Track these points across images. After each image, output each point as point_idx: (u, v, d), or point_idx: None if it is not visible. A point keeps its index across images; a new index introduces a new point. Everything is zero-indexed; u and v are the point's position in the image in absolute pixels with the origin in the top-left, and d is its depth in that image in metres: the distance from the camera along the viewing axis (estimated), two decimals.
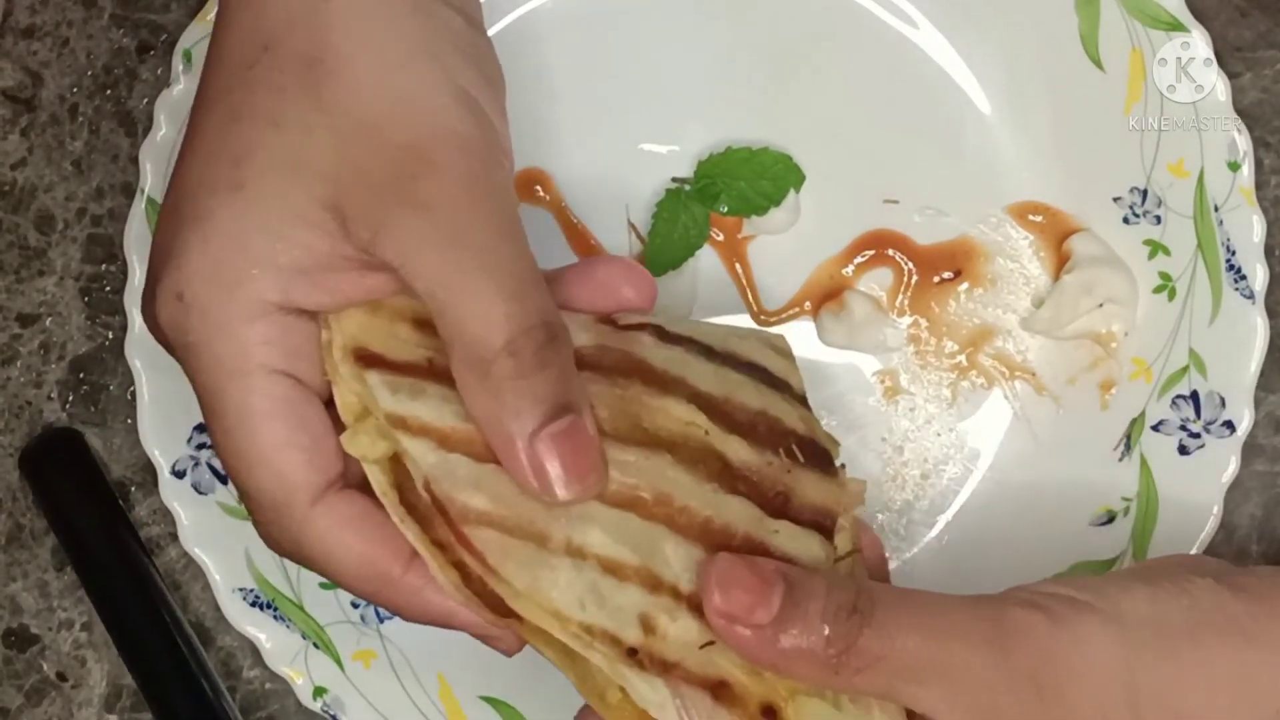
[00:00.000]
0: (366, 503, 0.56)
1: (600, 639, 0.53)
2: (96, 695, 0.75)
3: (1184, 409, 0.73)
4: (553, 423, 0.53)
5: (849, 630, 0.52)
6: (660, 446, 0.56)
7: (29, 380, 0.76)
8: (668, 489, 0.55)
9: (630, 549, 0.54)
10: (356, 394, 0.55)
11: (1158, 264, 0.74)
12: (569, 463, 0.53)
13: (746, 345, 0.60)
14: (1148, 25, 0.73)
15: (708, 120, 0.75)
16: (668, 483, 0.55)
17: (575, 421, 0.54)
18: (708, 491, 0.56)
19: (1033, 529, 0.74)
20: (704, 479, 0.56)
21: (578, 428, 0.54)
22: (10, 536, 0.76)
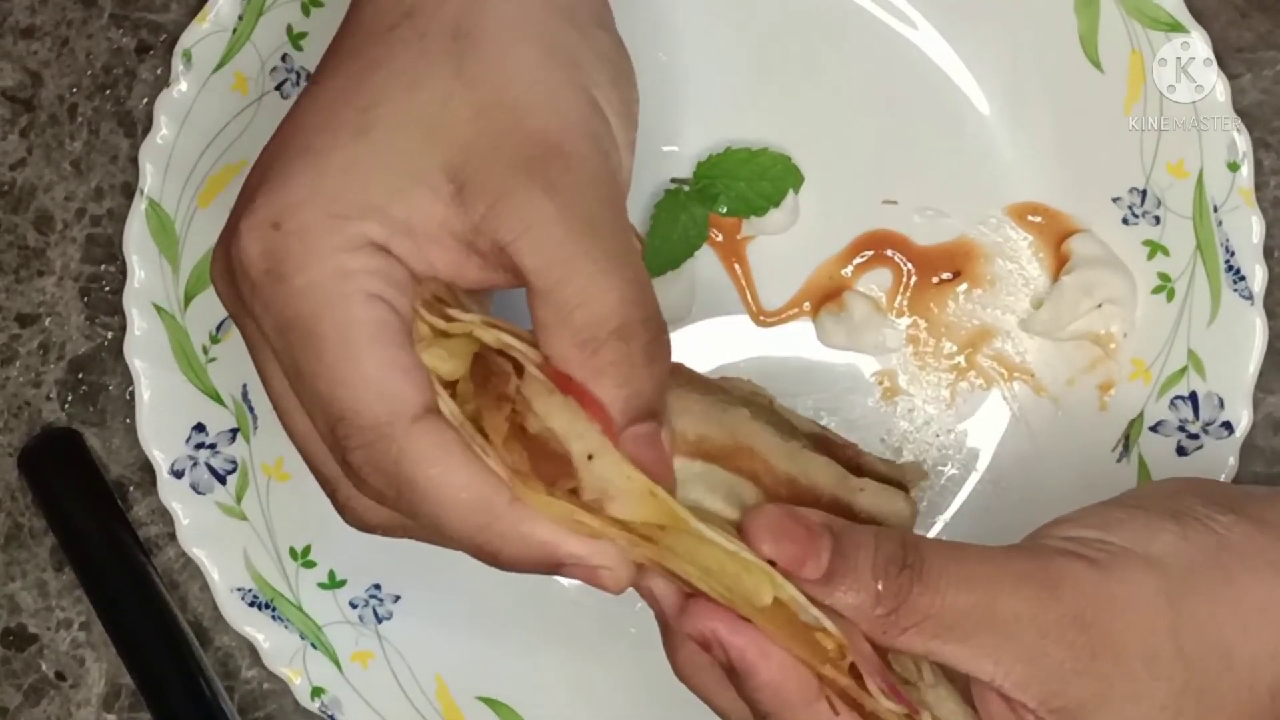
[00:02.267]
0: (458, 436, 0.54)
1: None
2: (95, 695, 0.75)
3: (1182, 410, 0.73)
4: (638, 424, 0.53)
5: (900, 586, 0.52)
6: (735, 402, 0.55)
7: (28, 380, 0.76)
8: (749, 441, 0.55)
9: (723, 502, 0.54)
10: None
11: (1157, 265, 0.74)
12: (644, 470, 0.53)
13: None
14: (1147, 26, 0.73)
15: (707, 121, 0.75)
16: (747, 434, 0.55)
17: (657, 432, 0.53)
18: (793, 448, 0.55)
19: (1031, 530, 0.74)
20: (785, 435, 0.55)
21: (657, 439, 0.53)
22: (9, 536, 0.76)
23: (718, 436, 0.55)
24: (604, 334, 0.52)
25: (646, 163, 0.75)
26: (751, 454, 0.54)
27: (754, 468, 0.54)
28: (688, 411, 0.54)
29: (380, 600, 0.74)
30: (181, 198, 0.74)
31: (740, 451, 0.54)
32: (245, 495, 0.74)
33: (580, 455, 0.52)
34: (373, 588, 0.74)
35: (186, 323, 0.74)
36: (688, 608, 0.53)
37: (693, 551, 0.53)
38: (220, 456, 0.74)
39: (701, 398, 0.55)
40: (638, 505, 0.52)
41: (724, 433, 0.55)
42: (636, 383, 0.53)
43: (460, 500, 0.53)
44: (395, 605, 0.74)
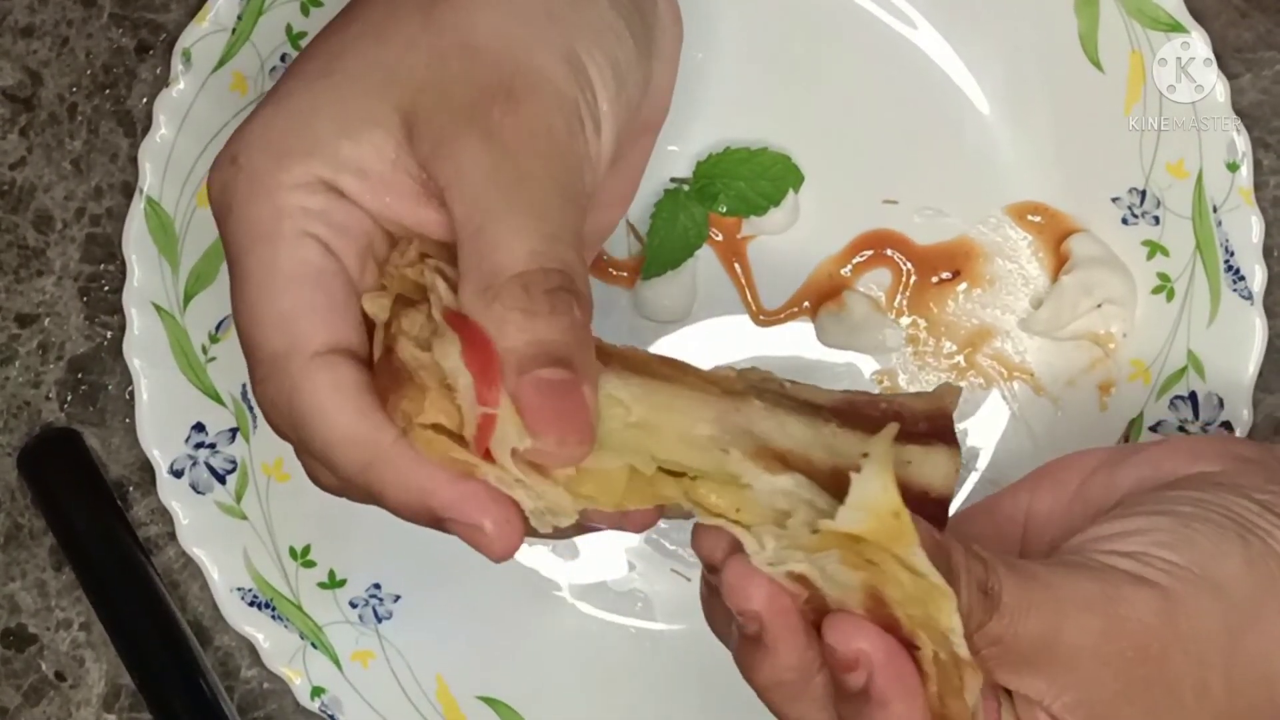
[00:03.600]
0: (367, 378, 0.53)
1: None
2: (95, 695, 0.75)
3: (1182, 410, 0.73)
4: (544, 369, 0.51)
5: (982, 613, 0.51)
6: (744, 394, 0.54)
7: (27, 380, 0.76)
8: (773, 440, 0.53)
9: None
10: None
11: (1156, 265, 0.74)
12: (548, 417, 0.51)
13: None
14: (1147, 26, 0.73)
15: (707, 120, 0.75)
16: (767, 433, 0.53)
17: (570, 380, 0.51)
18: (824, 435, 0.54)
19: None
20: (809, 419, 0.54)
21: (571, 387, 0.51)
22: (9, 536, 0.76)
23: (744, 444, 0.53)
24: (502, 280, 0.52)
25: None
26: (786, 456, 0.53)
27: (792, 466, 0.53)
28: (701, 420, 0.53)
29: (380, 600, 0.74)
30: (181, 197, 0.74)
31: (769, 454, 0.53)
32: (245, 495, 0.74)
33: (466, 394, 0.51)
34: (373, 587, 0.74)
35: (186, 322, 0.74)
36: (834, 622, 0.51)
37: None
38: (220, 456, 0.74)
39: (707, 400, 0.54)
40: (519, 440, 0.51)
41: (747, 438, 0.53)
42: (538, 330, 0.51)
43: (345, 437, 0.52)
44: (395, 605, 0.74)
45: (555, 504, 0.52)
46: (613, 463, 0.52)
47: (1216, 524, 0.55)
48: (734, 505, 0.52)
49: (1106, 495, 0.58)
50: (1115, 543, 0.55)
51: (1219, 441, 0.59)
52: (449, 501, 0.52)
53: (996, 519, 0.58)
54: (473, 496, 0.51)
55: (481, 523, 0.51)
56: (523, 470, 0.51)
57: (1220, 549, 0.55)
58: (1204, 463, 0.58)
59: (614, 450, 0.52)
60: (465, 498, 0.51)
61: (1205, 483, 0.57)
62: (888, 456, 0.49)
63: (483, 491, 0.51)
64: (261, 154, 0.54)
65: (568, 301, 0.52)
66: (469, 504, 0.51)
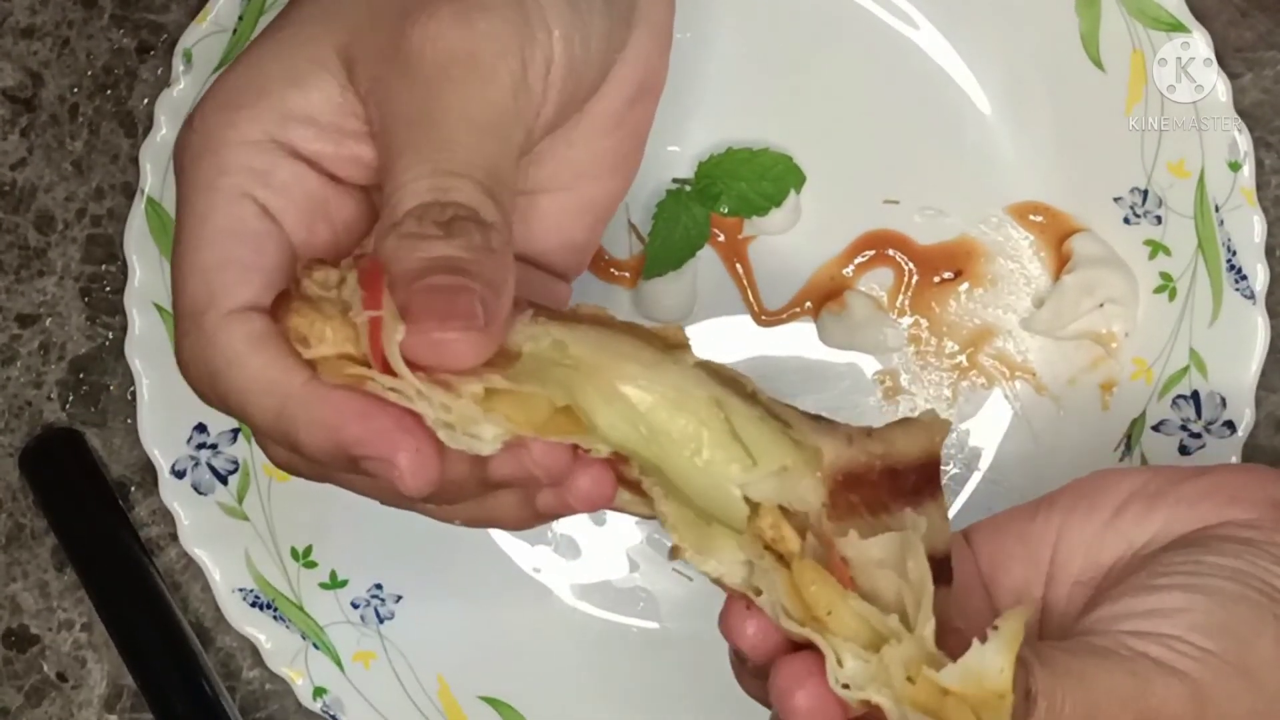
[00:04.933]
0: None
1: None
2: (96, 695, 0.75)
3: (1185, 409, 0.73)
4: (437, 275, 0.50)
5: (1022, 715, 0.49)
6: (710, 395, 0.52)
7: (29, 380, 0.76)
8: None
9: None
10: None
11: (1158, 264, 0.74)
12: (425, 308, 0.49)
13: None
14: (1148, 26, 0.73)
15: (708, 121, 0.75)
16: (733, 406, 0.52)
17: (460, 285, 0.50)
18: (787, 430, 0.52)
19: None
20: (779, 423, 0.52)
21: (460, 290, 0.49)
22: (10, 536, 0.76)
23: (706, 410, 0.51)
24: (401, 215, 0.51)
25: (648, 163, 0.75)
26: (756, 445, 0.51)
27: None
28: (642, 364, 0.51)
29: (382, 600, 0.74)
30: None
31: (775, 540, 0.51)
32: (247, 495, 0.74)
33: (358, 312, 0.50)
34: (374, 588, 0.74)
35: None
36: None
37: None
38: (222, 457, 0.74)
39: (654, 353, 0.52)
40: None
41: (709, 404, 0.51)
42: (431, 249, 0.50)
43: (256, 383, 0.52)
44: (397, 605, 0.74)
45: (464, 417, 0.50)
46: (534, 388, 0.50)
47: (1253, 603, 0.53)
48: (824, 606, 0.50)
49: (1139, 531, 0.56)
50: (1148, 622, 0.53)
51: (1256, 483, 0.57)
52: (359, 436, 0.50)
53: (1028, 542, 0.56)
54: (383, 430, 0.50)
55: (393, 455, 0.50)
56: (426, 385, 0.50)
57: (1256, 630, 0.53)
58: (1239, 507, 0.56)
59: (546, 383, 0.51)
60: (375, 431, 0.50)
61: (1242, 544, 0.55)
62: (1017, 638, 0.48)
63: (392, 425, 0.50)
64: (214, 113, 0.54)
65: (466, 228, 0.51)
66: (379, 438, 0.50)
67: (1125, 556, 0.55)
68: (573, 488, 0.52)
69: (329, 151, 0.54)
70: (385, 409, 0.50)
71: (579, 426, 0.51)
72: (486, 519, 0.55)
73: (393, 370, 0.50)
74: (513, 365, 0.51)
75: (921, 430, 0.52)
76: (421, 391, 0.50)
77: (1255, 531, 0.55)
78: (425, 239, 0.50)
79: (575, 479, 0.52)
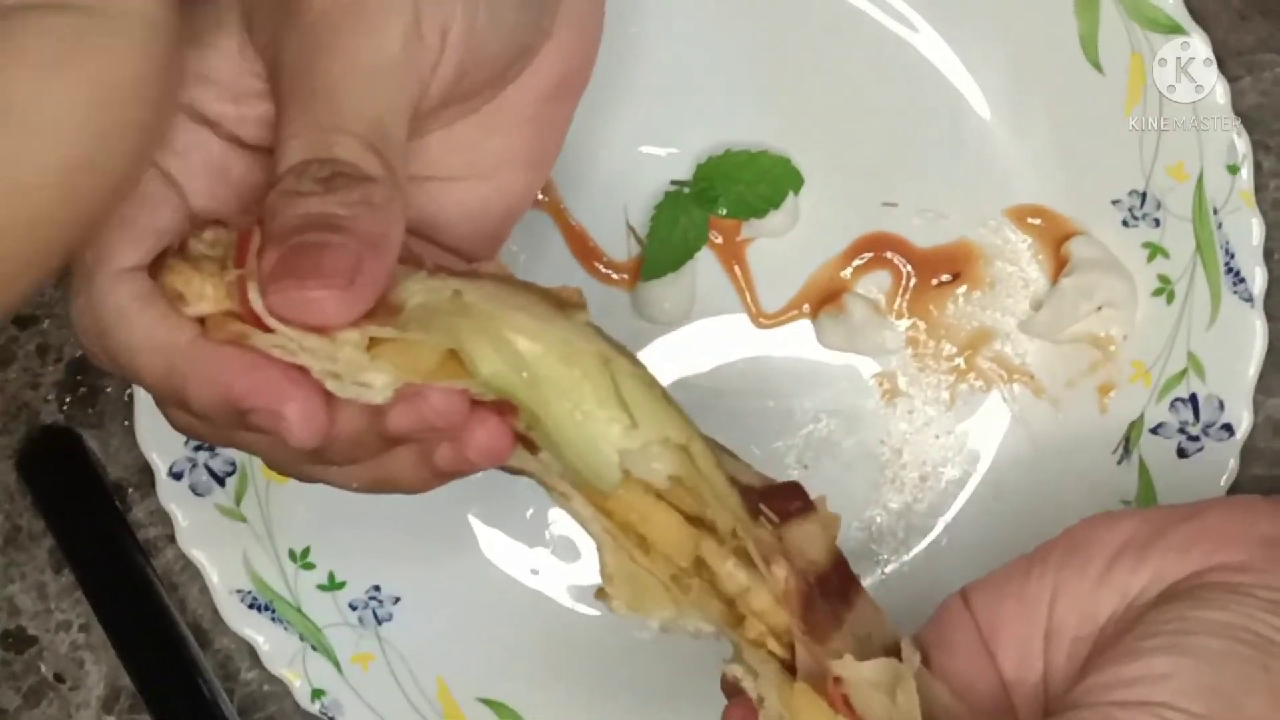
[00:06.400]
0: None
1: None
2: (94, 697, 0.75)
3: (1183, 412, 0.73)
4: (309, 233, 0.49)
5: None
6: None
7: (26, 382, 0.76)
8: None
9: None
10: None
11: (1156, 267, 0.74)
12: (285, 266, 0.49)
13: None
14: (1147, 29, 0.73)
15: (707, 123, 0.75)
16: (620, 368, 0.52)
17: (333, 246, 0.49)
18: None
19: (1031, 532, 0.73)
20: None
21: (334, 252, 0.49)
22: (8, 538, 0.76)
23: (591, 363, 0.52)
24: (282, 170, 0.51)
25: (646, 165, 0.75)
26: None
27: None
28: (542, 319, 0.52)
29: (380, 602, 0.74)
30: None
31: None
32: (244, 497, 0.74)
33: (231, 274, 0.51)
34: (372, 589, 0.74)
35: None
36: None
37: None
38: (219, 458, 0.74)
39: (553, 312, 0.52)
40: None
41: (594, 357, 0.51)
42: (308, 206, 0.50)
43: (144, 341, 0.52)
44: (395, 607, 0.74)
45: (351, 366, 0.50)
46: (419, 335, 0.50)
47: (1242, 659, 0.52)
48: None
49: (1132, 582, 0.55)
50: (1136, 690, 0.52)
51: (1248, 521, 0.56)
52: (247, 389, 0.50)
53: (1025, 602, 0.56)
54: (269, 382, 0.50)
55: (280, 407, 0.50)
56: (308, 337, 0.50)
57: (1245, 688, 0.52)
58: (1230, 550, 0.55)
59: (432, 331, 0.51)
60: (262, 384, 0.50)
61: (1229, 592, 0.54)
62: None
63: (280, 377, 0.50)
64: None
65: (346, 183, 0.51)
66: (266, 390, 0.50)
67: (1120, 610, 0.54)
68: (470, 440, 0.52)
69: (230, 112, 0.54)
70: (272, 363, 0.50)
71: (466, 372, 0.51)
72: (385, 479, 0.55)
73: (267, 326, 0.50)
74: (397, 317, 0.51)
75: (818, 530, 0.53)
76: (304, 345, 0.50)
77: (1245, 575, 0.54)
78: (303, 195, 0.50)
79: (472, 431, 0.52)
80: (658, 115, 0.75)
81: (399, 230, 0.51)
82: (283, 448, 0.52)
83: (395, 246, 0.51)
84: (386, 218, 0.51)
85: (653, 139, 0.75)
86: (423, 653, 0.74)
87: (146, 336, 0.52)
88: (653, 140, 0.75)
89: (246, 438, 0.54)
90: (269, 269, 0.50)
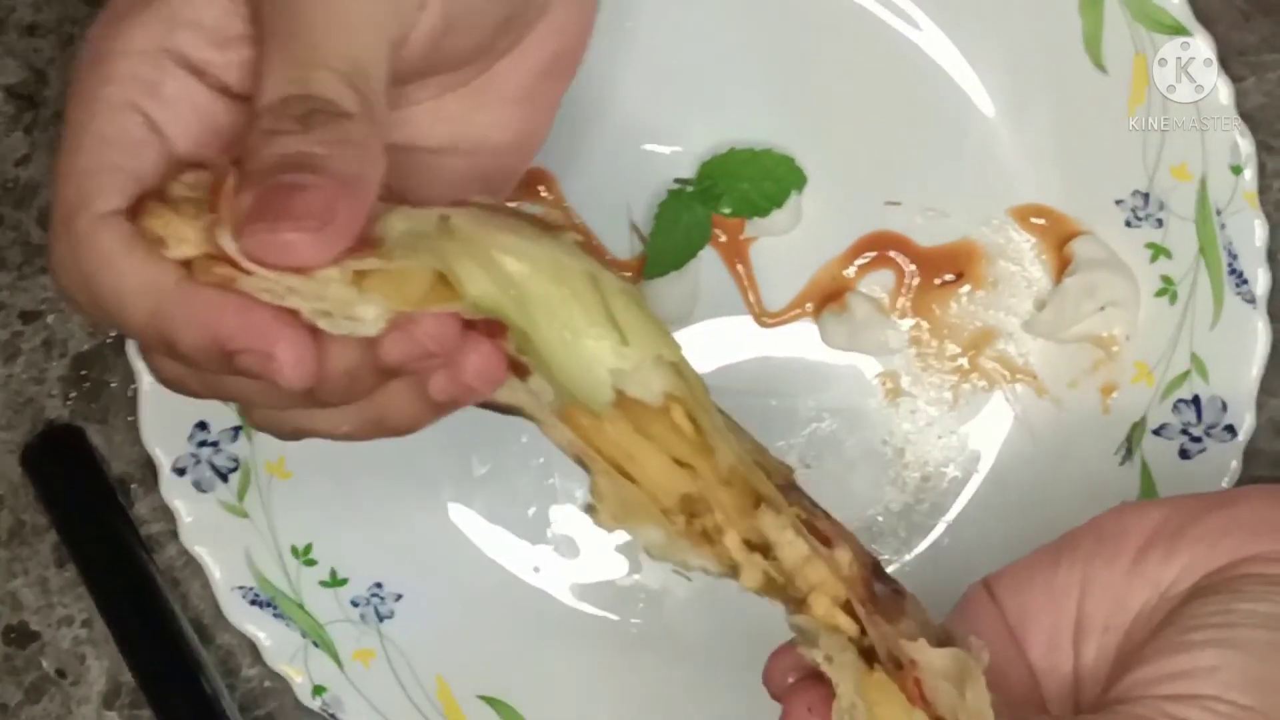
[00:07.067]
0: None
1: None
2: (96, 692, 0.75)
3: (1185, 413, 0.73)
4: (285, 174, 0.49)
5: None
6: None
7: (31, 377, 0.76)
8: None
9: None
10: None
11: (1159, 267, 0.74)
12: (271, 220, 0.49)
13: None
14: (1151, 29, 0.73)
15: (710, 121, 0.75)
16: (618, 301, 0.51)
17: (308, 187, 0.49)
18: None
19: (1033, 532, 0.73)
20: None
21: (308, 193, 0.49)
22: (11, 533, 0.76)
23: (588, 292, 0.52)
24: (259, 109, 0.51)
25: (649, 163, 0.75)
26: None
27: None
28: (532, 239, 0.51)
29: (382, 599, 0.74)
30: None
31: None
32: (247, 493, 0.74)
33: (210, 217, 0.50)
34: (374, 586, 0.74)
35: None
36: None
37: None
38: (222, 454, 0.74)
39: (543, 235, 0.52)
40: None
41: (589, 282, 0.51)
42: (285, 145, 0.50)
43: (131, 284, 0.51)
44: (397, 604, 0.74)
45: (340, 301, 0.50)
46: (405, 262, 0.50)
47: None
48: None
49: (1164, 573, 0.55)
50: (1184, 684, 0.51)
51: (1278, 511, 0.56)
52: (236, 329, 0.50)
53: (1053, 593, 0.56)
54: (259, 322, 0.50)
55: (270, 347, 0.50)
56: (293, 278, 0.49)
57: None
58: (1263, 540, 0.54)
59: (418, 256, 0.50)
60: (251, 324, 0.50)
61: (1269, 584, 0.53)
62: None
63: (269, 317, 0.50)
64: (104, 24, 0.53)
65: (323, 120, 0.50)
66: (255, 330, 0.50)
67: (1153, 600, 0.54)
68: (464, 366, 0.51)
69: (216, 58, 0.53)
70: (260, 304, 0.50)
71: (455, 296, 0.50)
72: (378, 419, 0.54)
73: (248, 269, 0.49)
74: (381, 249, 0.50)
75: (846, 531, 0.53)
76: (289, 286, 0.49)
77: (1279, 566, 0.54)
78: (280, 134, 0.50)
79: (466, 355, 0.51)
80: (661, 113, 0.75)
81: (377, 170, 0.51)
82: (273, 392, 0.51)
83: (373, 186, 0.51)
84: (363, 156, 0.51)
85: (656, 137, 0.75)
86: (424, 650, 0.74)
87: (133, 279, 0.51)
88: (656, 138, 0.75)
89: (235, 384, 0.53)
90: (244, 211, 0.49)
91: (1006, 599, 0.56)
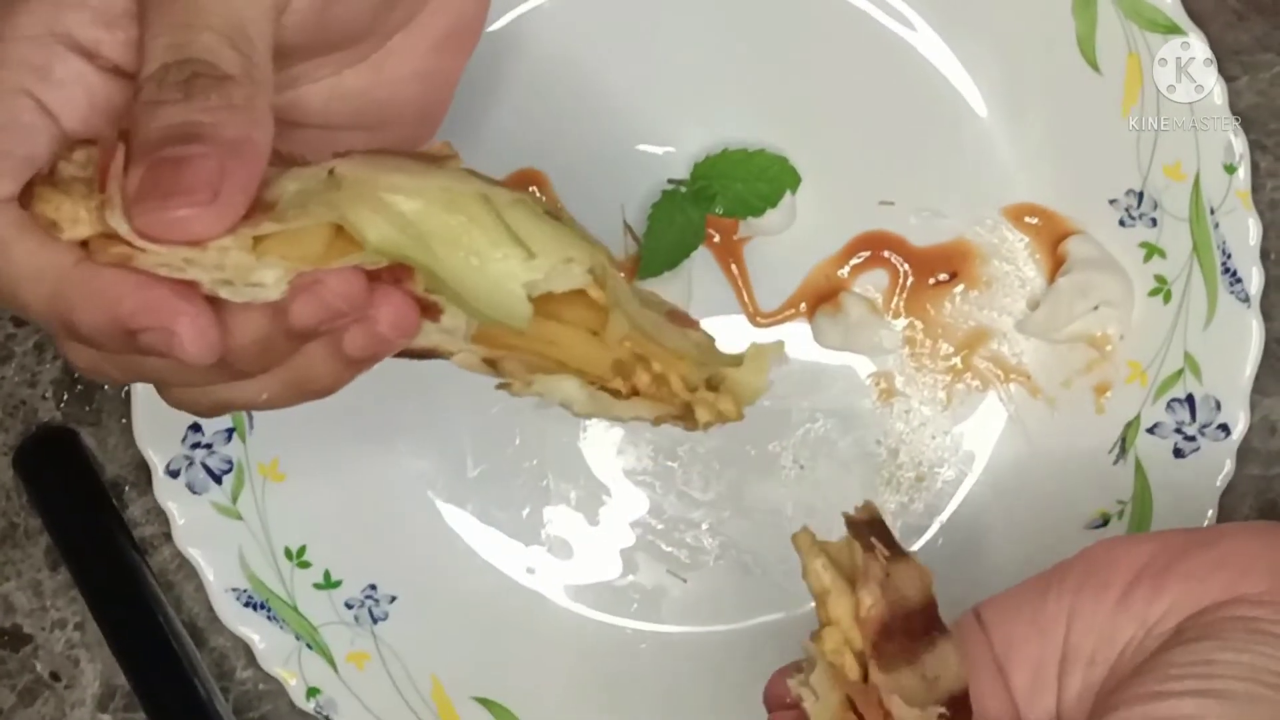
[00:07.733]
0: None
1: None
2: (89, 695, 0.75)
3: (1179, 412, 0.73)
4: (169, 147, 0.48)
5: None
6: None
7: (24, 379, 0.76)
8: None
9: None
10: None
11: (1153, 267, 0.74)
12: (160, 197, 0.48)
13: None
14: (1145, 28, 0.73)
15: (704, 122, 0.75)
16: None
17: (192, 160, 0.48)
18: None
19: (1028, 532, 0.74)
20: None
21: (194, 166, 0.48)
22: (4, 535, 0.76)
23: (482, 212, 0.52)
24: (142, 80, 0.50)
25: (643, 164, 0.75)
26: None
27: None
28: (423, 177, 0.50)
29: (375, 601, 0.74)
30: None
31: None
32: (241, 495, 0.74)
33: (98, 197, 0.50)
34: (368, 588, 0.74)
35: None
36: None
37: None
38: (216, 456, 0.74)
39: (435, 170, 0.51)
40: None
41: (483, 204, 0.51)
42: (169, 116, 0.49)
43: (28, 268, 0.50)
44: (390, 606, 0.74)
45: (239, 268, 0.49)
46: (299, 221, 0.49)
47: (1269, 702, 0.52)
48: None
49: (1151, 610, 0.55)
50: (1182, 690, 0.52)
51: (1267, 549, 0.56)
52: (135, 308, 0.49)
53: (1041, 625, 0.56)
54: (157, 300, 0.49)
55: (172, 323, 0.49)
56: (188, 250, 0.49)
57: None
58: (1250, 579, 0.55)
59: (311, 212, 0.50)
60: (150, 302, 0.49)
61: (1252, 633, 0.54)
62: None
63: (167, 293, 0.49)
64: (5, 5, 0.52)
65: (205, 85, 0.50)
66: (156, 307, 0.49)
67: (1139, 636, 0.54)
68: (377, 319, 0.51)
69: (105, 37, 0.53)
70: (159, 281, 0.49)
71: (355, 246, 0.50)
72: (298, 382, 0.53)
73: (140, 247, 0.49)
74: (273, 211, 0.50)
75: (916, 572, 0.53)
76: (186, 259, 0.49)
77: (1265, 609, 0.54)
78: (163, 104, 0.49)
79: (377, 307, 0.51)
80: (655, 114, 0.75)
81: (264, 132, 0.51)
82: (184, 369, 0.51)
83: (262, 150, 0.50)
84: (249, 119, 0.50)
85: (650, 138, 0.75)
86: (418, 651, 0.74)
87: (28, 264, 0.50)
88: (650, 139, 0.75)
89: (148, 364, 0.52)
90: (132, 190, 0.49)
91: (994, 627, 0.56)
